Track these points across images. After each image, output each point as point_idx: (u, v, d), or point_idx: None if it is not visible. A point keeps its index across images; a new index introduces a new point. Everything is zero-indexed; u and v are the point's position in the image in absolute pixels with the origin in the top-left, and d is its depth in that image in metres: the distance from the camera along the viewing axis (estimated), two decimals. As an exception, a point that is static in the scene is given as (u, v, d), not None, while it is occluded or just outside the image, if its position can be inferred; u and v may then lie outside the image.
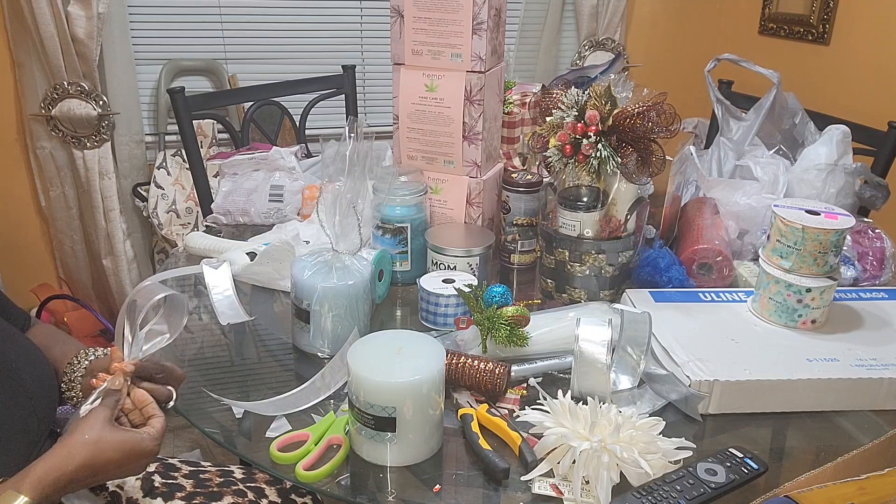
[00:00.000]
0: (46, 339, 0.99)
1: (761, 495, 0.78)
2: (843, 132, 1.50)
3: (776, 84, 1.59)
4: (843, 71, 2.37)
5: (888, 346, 1.03)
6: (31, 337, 0.99)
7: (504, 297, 1.04)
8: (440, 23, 1.23)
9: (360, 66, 2.58)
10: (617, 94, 1.09)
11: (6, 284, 2.30)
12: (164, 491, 0.99)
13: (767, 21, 2.65)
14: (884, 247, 1.28)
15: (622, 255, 1.16)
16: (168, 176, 2.37)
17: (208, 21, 2.42)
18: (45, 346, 0.96)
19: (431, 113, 1.28)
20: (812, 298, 1.04)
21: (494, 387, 0.95)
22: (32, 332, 1.02)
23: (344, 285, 1.03)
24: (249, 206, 1.51)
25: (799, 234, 1.03)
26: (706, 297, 1.15)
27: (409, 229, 1.25)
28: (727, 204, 1.34)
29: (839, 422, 0.95)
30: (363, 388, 0.81)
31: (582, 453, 0.79)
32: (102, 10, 2.12)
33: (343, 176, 1.02)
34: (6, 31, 2.16)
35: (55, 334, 1.03)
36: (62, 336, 1.03)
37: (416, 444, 0.84)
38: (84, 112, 2.21)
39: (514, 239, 1.33)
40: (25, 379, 0.87)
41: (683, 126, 2.33)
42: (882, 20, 2.23)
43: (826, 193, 1.41)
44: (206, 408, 0.94)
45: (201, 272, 1.22)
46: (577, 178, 1.14)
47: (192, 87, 2.31)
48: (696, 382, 0.93)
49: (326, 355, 1.05)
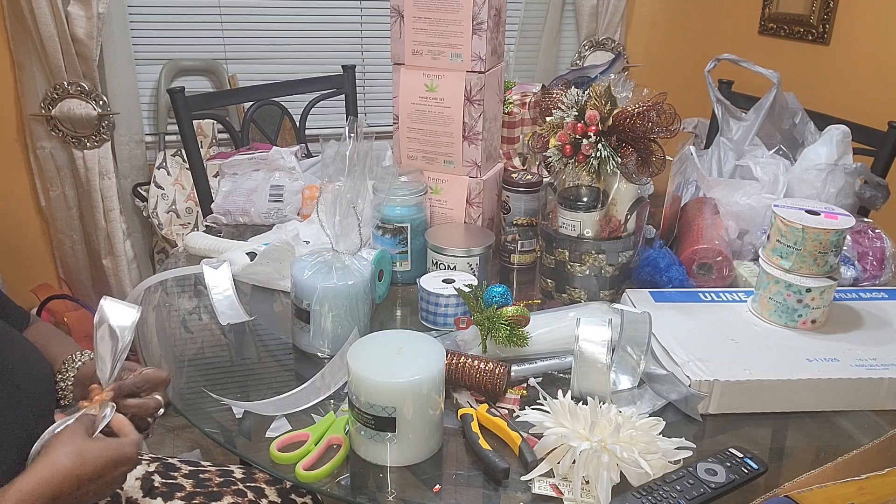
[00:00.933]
0: (43, 339, 0.99)
1: (761, 495, 0.78)
2: (843, 132, 1.50)
3: (776, 84, 1.59)
4: (843, 71, 2.37)
5: (888, 346, 1.03)
6: (29, 336, 0.99)
7: (504, 297, 1.04)
8: (440, 23, 1.23)
9: (360, 66, 2.58)
10: (617, 94, 1.09)
11: (6, 284, 2.31)
12: (163, 491, 0.99)
13: (767, 21, 2.65)
14: (884, 247, 1.28)
15: (622, 255, 1.16)
16: (168, 176, 2.37)
17: (208, 21, 2.42)
18: (41, 345, 0.96)
19: (431, 113, 1.28)
20: (812, 298, 1.04)
21: (494, 387, 0.95)
22: (30, 331, 1.01)
23: (344, 285, 1.03)
24: (249, 206, 1.51)
25: (799, 234, 1.03)
26: (706, 297, 1.15)
27: (409, 229, 1.25)
28: (727, 204, 1.34)
29: (839, 422, 0.95)
30: (363, 388, 0.81)
31: (582, 453, 0.79)
32: (102, 10, 2.12)
33: (343, 176, 1.02)
34: (6, 31, 2.16)
35: (51, 334, 1.02)
36: (57, 336, 1.02)
37: (416, 444, 0.84)
38: (84, 112, 2.21)
39: (514, 239, 1.33)
40: (22, 381, 0.87)
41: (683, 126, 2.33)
42: (882, 20, 2.23)
43: (826, 193, 1.41)
44: (206, 408, 0.94)
45: (201, 272, 1.22)
46: (577, 178, 1.14)
47: (192, 87, 2.31)
48: (696, 382, 0.93)
49: (326, 355, 1.05)
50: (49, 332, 1.03)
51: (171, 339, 1.14)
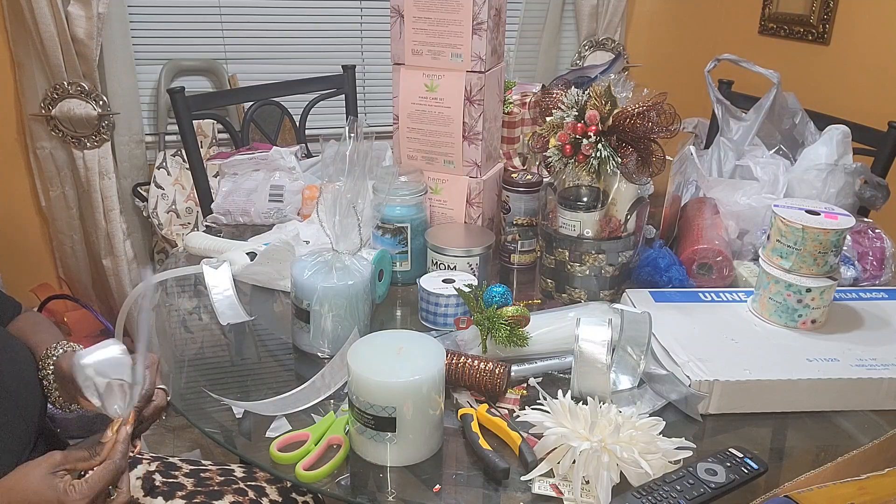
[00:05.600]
0: (27, 329, 0.99)
1: (761, 495, 0.78)
2: (843, 132, 1.50)
3: (776, 84, 1.59)
4: (843, 71, 2.37)
5: (888, 346, 1.03)
6: (14, 328, 0.98)
7: (504, 297, 1.04)
8: (440, 23, 1.23)
9: (360, 66, 2.58)
10: (617, 94, 1.09)
11: (6, 284, 2.31)
12: (164, 490, 0.99)
13: (767, 21, 2.65)
14: (884, 247, 1.28)
15: (622, 255, 1.16)
16: (168, 176, 2.37)
17: (208, 21, 2.42)
18: (25, 336, 0.96)
19: (431, 113, 1.28)
20: (812, 298, 1.04)
21: (494, 387, 0.95)
22: (16, 322, 1.01)
23: (344, 285, 1.03)
24: (249, 206, 1.51)
25: (799, 234, 1.03)
26: (706, 297, 1.15)
27: (409, 229, 1.25)
28: (727, 204, 1.34)
29: (839, 422, 0.95)
30: (363, 388, 0.81)
31: (582, 453, 0.79)
32: (102, 10, 2.12)
33: (343, 176, 1.02)
34: (6, 31, 2.16)
35: (33, 324, 1.02)
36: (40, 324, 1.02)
37: (416, 444, 0.84)
38: (84, 112, 2.21)
39: (514, 239, 1.33)
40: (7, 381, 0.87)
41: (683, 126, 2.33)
42: (882, 20, 2.23)
43: (826, 193, 1.41)
44: (206, 408, 0.94)
45: (201, 272, 1.22)
46: (577, 178, 1.14)
47: (192, 87, 2.31)
48: (696, 382, 0.93)
49: (326, 355, 1.05)
50: (33, 321, 1.02)
51: (171, 339, 1.14)
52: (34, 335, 0.98)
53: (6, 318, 1.01)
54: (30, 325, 1.00)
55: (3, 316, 1.01)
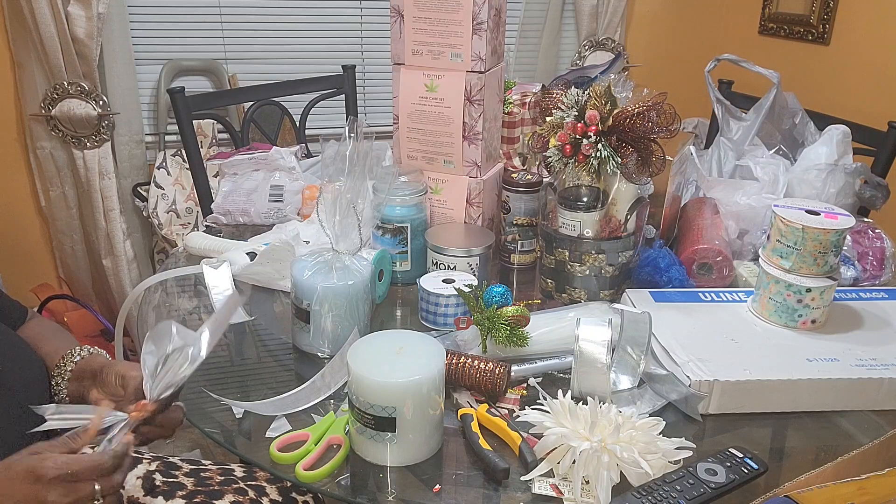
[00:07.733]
0: (38, 336, 0.98)
1: (761, 495, 0.78)
2: (843, 132, 1.50)
3: (776, 84, 1.59)
4: (843, 71, 2.37)
5: (888, 346, 1.03)
6: (25, 333, 0.98)
7: (504, 297, 1.04)
8: (440, 23, 1.23)
9: (360, 66, 2.58)
10: (617, 94, 1.09)
11: (6, 284, 2.31)
12: (164, 489, 0.99)
13: (767, 21, 2.65)
14: (884, 247, 1.28)
15: (622, 255, 1.16)
16: (168, 176, 2.37)
17: (208, 21, 2.42)
18: (36, 342, 0.96)
19: (431, 113, 1.28)
20: (812, 298, 1.04)
21: (494, 387, 0.95)
22: (26, 327, 1.01)
23: (344, 285, 1.03)
24: (249, 206, 1.51)
25: (799, 234, 1.03)
26: (706, 297, 1.15)
27: (409, 229, 1.25)
28: (727, 204, 1.34)
29: (839, 422, 0.95)
30: (363, 388, 0.81)
31: (582, 453, 0.79)
32: (102, 10, 2.12)
33: (343, 176, 1.02)
34: (6, 31, 2.16)
35: (45, 330, 1.01)
36: (53, 331, 1.01)
37: (416, 444, 0.84)
38: (84, 112, 2.21)
39: (514, 239, 1.33)
40: (13, 382, 0.86)
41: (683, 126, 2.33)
42: (882, 20, 2.23)
43: (826, 193, 1.41)
44: (206, 408, 0.94)
45: (201, 272, 1.22)
46: (577, 178, 1.14)
47: (192, 87, 2.31)
48: (696, 382, 0.93)
49: (326, 355, 1.05)
50: (45, 328, 1.02)
51: (172, 339, 1.14)
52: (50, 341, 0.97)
53: (15, 322, 1.01)
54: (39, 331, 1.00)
55: (11, 320, 1.00)
